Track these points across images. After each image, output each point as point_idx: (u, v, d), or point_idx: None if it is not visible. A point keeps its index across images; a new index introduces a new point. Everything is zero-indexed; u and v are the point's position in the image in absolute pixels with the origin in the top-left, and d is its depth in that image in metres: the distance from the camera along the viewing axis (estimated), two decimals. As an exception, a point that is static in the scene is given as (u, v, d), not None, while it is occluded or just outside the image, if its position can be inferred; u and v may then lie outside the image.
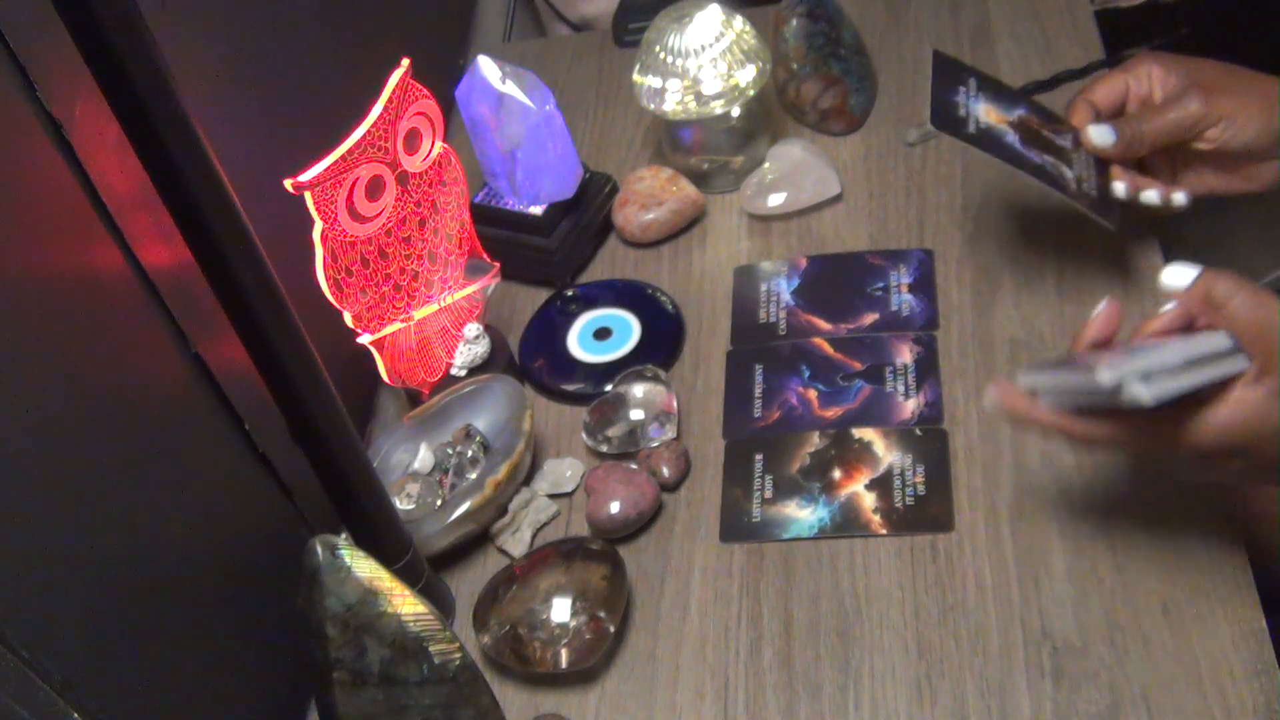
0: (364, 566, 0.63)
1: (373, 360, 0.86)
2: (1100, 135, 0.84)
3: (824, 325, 0.94)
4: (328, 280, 0.80)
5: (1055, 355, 0.85)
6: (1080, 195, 0.82)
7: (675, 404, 0.89)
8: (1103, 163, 0.86)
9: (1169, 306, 0.68)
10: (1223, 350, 0.64)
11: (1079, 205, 0.82)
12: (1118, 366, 0.63)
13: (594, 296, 1.01)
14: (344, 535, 0.72)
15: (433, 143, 0.87)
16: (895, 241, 0.98)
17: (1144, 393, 0.62)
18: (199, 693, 0.71)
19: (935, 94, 0.83)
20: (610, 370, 0.94)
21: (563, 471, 0.89)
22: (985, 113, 0.84)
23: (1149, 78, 0.85)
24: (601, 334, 0.98)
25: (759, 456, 0.87)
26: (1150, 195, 0.86)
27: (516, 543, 0.86)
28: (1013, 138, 0.83)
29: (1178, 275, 0.67)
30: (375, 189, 0.82)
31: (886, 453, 0.84)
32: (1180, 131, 0.82)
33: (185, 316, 0.71)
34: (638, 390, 0.90)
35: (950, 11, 1.15)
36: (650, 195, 1.03)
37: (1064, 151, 0.84)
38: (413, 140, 0.85)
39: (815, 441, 0.86)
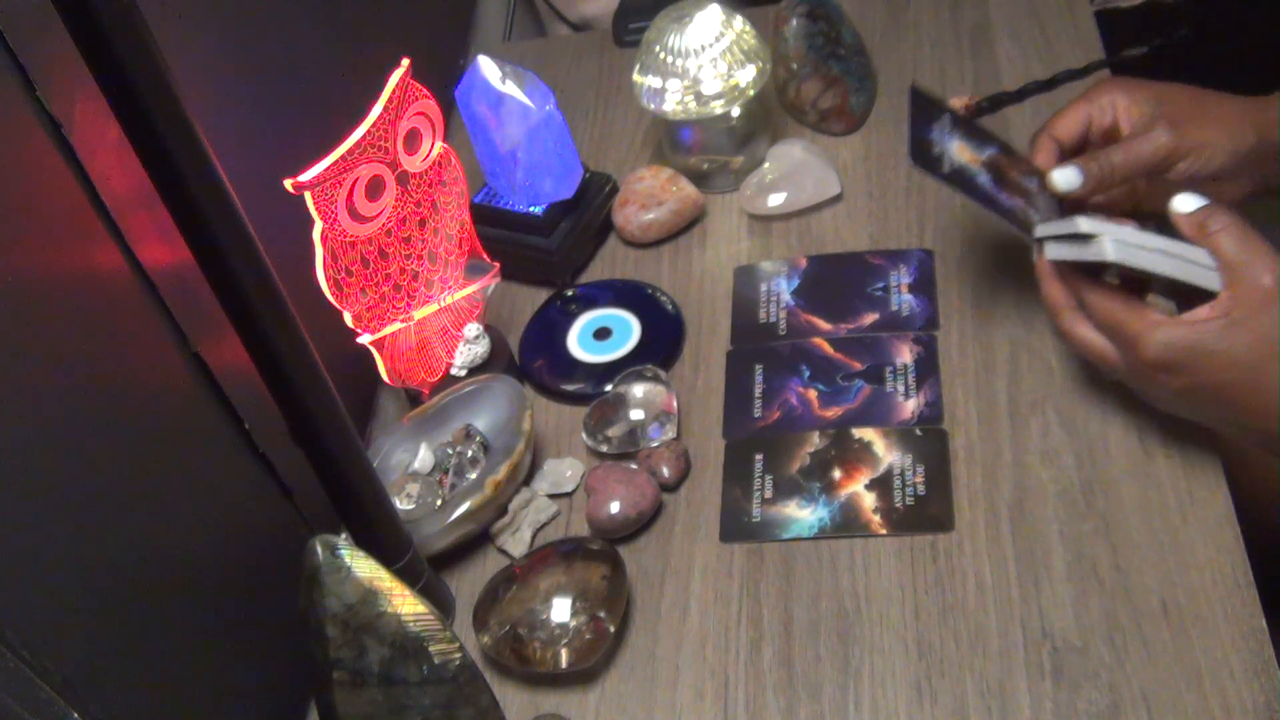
0: (364, 566, 0.63)
1: (373, 360, 0.86)
2: (1065, 179, 0.82)
3: (824, 325, 0.94)
4: (328, 280, 0.80)
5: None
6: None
7: (675, 404, 0.90)
8: (1066, 207, 0.86)
9: None
10: (1200, 260, 0.72)
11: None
12: (1100, 223, 0.73)
13: (594, 296, 1.01)
14: (344, 535, 0.72)
15: (433, 143, 0.87)
16: (895, 241, 0.98)
17: (1109, 247, 0.71)
18: (199, 693, 0.71)
19: (913, 131, 0.82)
20: (610, 370, 0.94)
21: (563, 471, 0.89)
22: (958, 151, 0.83)
23: (1112, 107, 0.85)
24: (601, 334, 0.98)
25: (759, 456, 0.87)
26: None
27: (516, 543, 0.86)
28: (985, 178, 0.83)
29: (1185, 201, 0.74)
30: (375, 189, 0.82)
31: (886, 453, 0.84)
32: (1151, 166, 0.81)
33: (185, 316, 0.71)
34: (638, 390, 0.90)
35: (950, 11, 1.15)
36: (650, 195, 1.03)
37: (1031, 195, 0.84)
38: (413, 140, 0.85)
39: (815, 441, 0.86)
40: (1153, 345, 0.71)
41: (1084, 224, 0.73)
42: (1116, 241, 0.71)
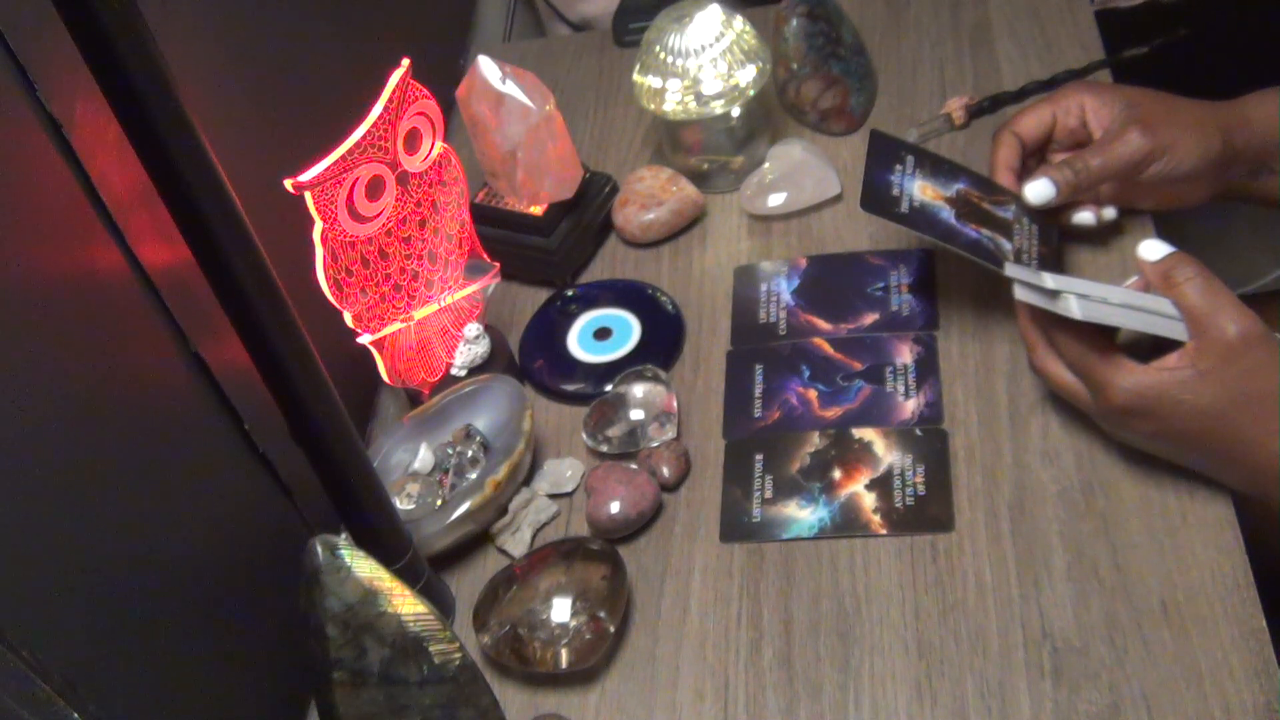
0: (364, 566, 0.63)
1: (373, 360, 0.86)
2: (1038, 193, 0.84)
3: (824, 325, 0.94)
4: (328, 280, 0.80)
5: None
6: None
7: (675, 404, 0.89)
8: (1045, 231, 0.86)
9: (1131, 280, 0.76)
10: (1164, 311, 0.72)
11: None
12: (1065, 280, 0.73)
13: (594, 296, 1.01)
14: (344, 535, 0.73)
15: (433, 143, 0.87)
16: (895, 241, 0.98)
17: (1074, 306, 0.71)
18: (199, 693, 0.71)
19: (868, 176, 0.83)
20: (610, 370, 0.94)
21: (563, 471, 0.89)
22: (921, 190, 0.84)
23: (1079, 109, 0.86)
24: (601, 334, 0.98)
25: (759, 456, 0.87)
26: (1084, 216, 0.88)
27: (516, 543, 0.86)
28: (948, 214, 0.83)
29: (1152, 249, 0.74)
30: (375, 189, 0.82)
31: (886, 453, 0.84)
32: (1127, 168, 0.82)
33: (185, 316, 0.71)
34: (638, 390, 0.90)
35: (950, 11, 1.15)
36: (650, 195, 1.03)
37: (1004, 224, 0.84)
38: (413, 140, 0.85)
39: (815, 441, 0.86)
40: (1121, 391, 0.72)
41: (1050, 280, 0.73)
42: (1082, 300, 0.72)
